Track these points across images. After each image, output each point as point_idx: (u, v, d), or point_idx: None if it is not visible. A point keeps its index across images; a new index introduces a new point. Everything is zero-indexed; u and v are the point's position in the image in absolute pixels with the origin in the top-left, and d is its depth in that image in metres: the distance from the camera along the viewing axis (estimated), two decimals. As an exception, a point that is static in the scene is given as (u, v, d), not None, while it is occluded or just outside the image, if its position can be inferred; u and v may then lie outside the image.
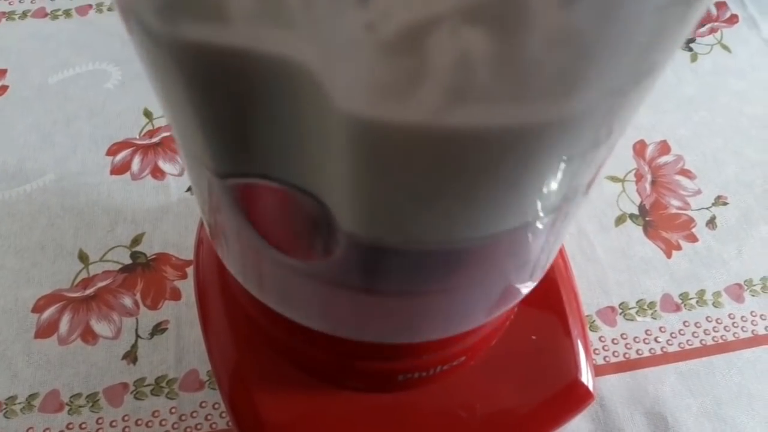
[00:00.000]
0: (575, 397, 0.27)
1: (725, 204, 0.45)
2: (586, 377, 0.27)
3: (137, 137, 0.45)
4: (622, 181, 0.45)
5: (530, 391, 0.26)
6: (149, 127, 0.45)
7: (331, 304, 0.19)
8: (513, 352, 0.26)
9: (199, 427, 0.34)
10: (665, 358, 0.38)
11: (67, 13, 0.51)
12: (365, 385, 0.24)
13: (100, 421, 0.34)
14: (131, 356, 0.36)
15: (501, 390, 0.26)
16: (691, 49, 0.53)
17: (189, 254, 0.40)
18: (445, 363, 0.23)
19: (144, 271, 0.39)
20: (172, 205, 0.42)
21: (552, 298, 0.27)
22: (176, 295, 0.38)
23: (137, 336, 0.37)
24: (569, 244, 0.42)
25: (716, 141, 0.47)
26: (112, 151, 0.44)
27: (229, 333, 0.25)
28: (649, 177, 0.45)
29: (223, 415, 0.35)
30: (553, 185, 0.15)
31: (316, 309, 0.20)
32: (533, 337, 0.26)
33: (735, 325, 0.40)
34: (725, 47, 0.53)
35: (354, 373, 0.24)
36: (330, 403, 0.24)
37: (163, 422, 0.35)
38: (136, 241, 0.40)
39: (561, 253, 0.29)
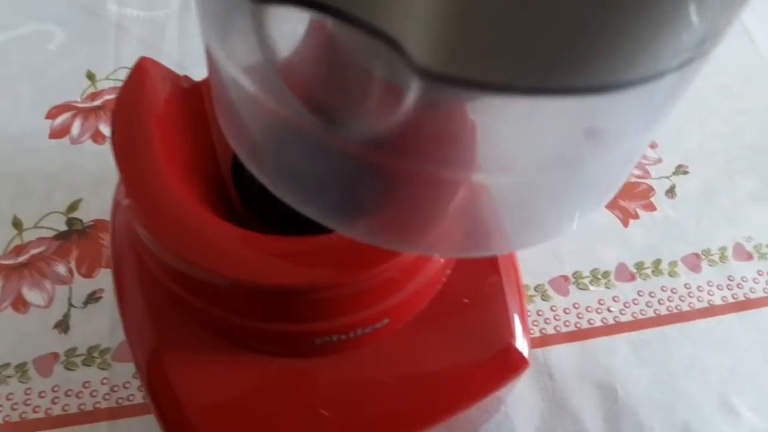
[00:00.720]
0: (509, 364, 0.26)
1: (686, 173, 0.44)
2: (521, 343, 0.25)
3: (78, 100, 0.43)
4: (582, 149, 0.44)
5: (461, 356, 0.25)
6: (91, 90, 0.43)
7: (355, 183, 0.16)
8: (444, 315, 0.25)
9: (131, 398, 0.33)
10: (617, 327, 0.37)
11: (10, -28, 0.49)
12: (284, 350, 0.23)
13: (28, 391, 0.33)
14: (63, 325, 0.35)
15: (430, 355, 0.25)
16: (657, 16, 0.51)
17: (128, 221, 0.38)
18: (365, 325, 0.22)
19: (80, 239, 0.38)
20: (112, 170, 0.40)
21: (487, 261, 0.26)
22: (113, 262, 0.37)
23: (70, 305, 0.35)
24: (524, 212, 0.41)
25: (680, 110, 0.46)
26: (52, 114, 0.42)
27: (143, 303, 0.24)
28: (609, 145, 0.44)
29: (158, 385, 0.34)
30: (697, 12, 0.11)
31: (335, 189, 0.17)
32: (465, 301, 0.25)
33: (691, 295, 0.39)
34: (693, 14, 0.52)
35: (271, 337, 0.22)
36: (249, 370, 0.23)
37: (94, 393, 0.33)
38: (73, 207, 0.39)
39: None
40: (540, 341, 0.37)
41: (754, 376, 0.36)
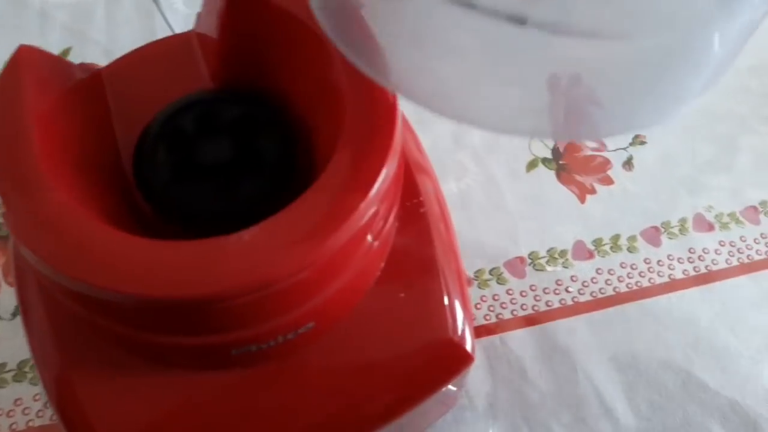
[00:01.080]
0: (452, 360, 0.24)
1: (643, 144, 0.42)
2: (463, 338, 0.24)
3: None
4: (535, 123, 0.42)
5: (400, 356, 0.23)
6: None
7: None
8: (378, 313, 0.23)
9: (62, 413, 0.31)
10: (576, 308, 0.36)
11: None
12: (200, 363, 0.21)
13: (-49, 412, 0.31)
14: (-12, 339, 0.33)
15: (365, 357, 0.23)
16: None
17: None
18: (286, 332, 0.20)
19: (6, 244, 0.35)
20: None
21: (423, 251, 0.24)
22: (40, 269, 0.34)
23: (-6, 317, 0.33)
24: (475, 193, 0.39)
25: (635, 77, 0.45)
26: None
27: (46, 321, 0.22)
28: (563, 118, 0.42)
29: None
30: None
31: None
32: (401, 295, 0.23)
33: (651, 270, 0.37)
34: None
35: (182, 351, 0.20)
36: (164, 387, 0.21)
37: (26, 410, 0.31)
38: (-5, 211, 0.36)
39: (438, 200, 0.26)
40: (497, 327, 0.35)
41: (718, 351, 0.35)
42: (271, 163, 0.22)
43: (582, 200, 0.39)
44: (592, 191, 0.40)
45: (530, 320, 0.35)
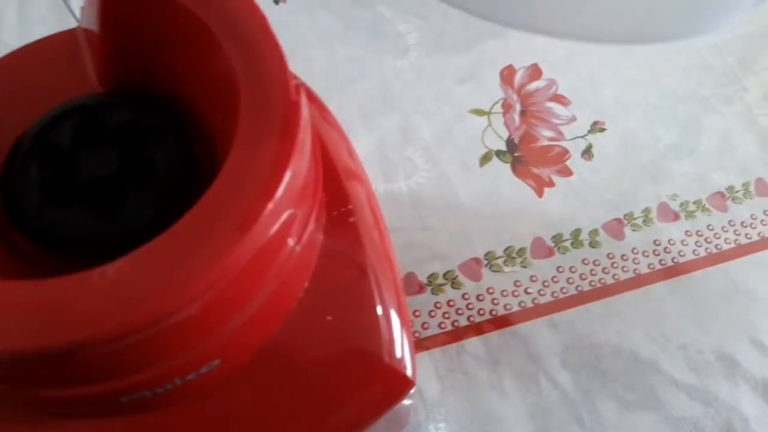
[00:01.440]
0: (390, 387, 0.21)
1: (603, 130, 0.40)
2: (402, 361, 0.21)
3: None
4: (488, 113, 0.39)
5: (331, 387, 0.21)
6: None
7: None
8: (302, 341, 0.20)
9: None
10: (537, 310, 0.34)
11: None
12: (91, 411, 0.18)
13: None
14: None
15: (290, 392, 0.20)
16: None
17: None
18: (184, 374, 0.17)
19: None
20: None
21: (353, 267, 0.22)
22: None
23: None
24: (426, 191, 0.36)
25: (592, 60, 0.42)
26: None
27: None
28: (518, 107, 0.40)
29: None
30: None
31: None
32: (329, 319, 0.21)
33: (615, 265, 0.35)
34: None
35: (66, 401, 0.18)
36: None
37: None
38: None
39: (371, 208, 0.24)
40: (453, 335, 0.33)
41: (687, 347, 0.33)
42: (163, 176, 0.19)
43: (540, 194, 0.37)
44: (550, 184, 0.37)
45: (488, 326, 0.33)
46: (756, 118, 0.41)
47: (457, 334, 0.33)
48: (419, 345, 0.32)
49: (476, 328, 0.33)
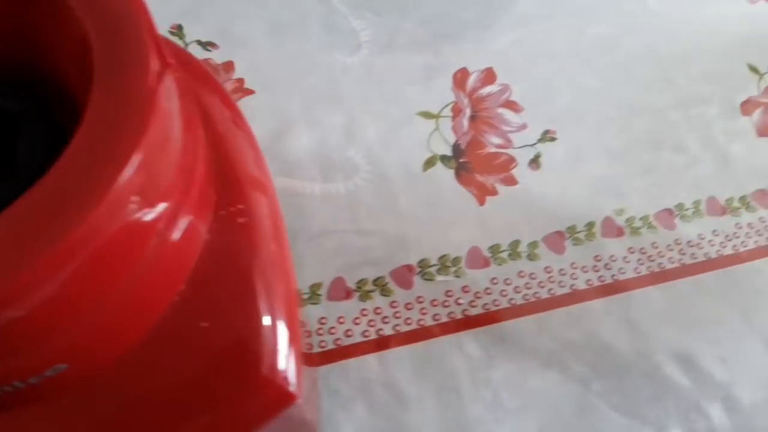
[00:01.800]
0: (268, 400, 0.20)
1: (553, 140, 0.38)
2: (284, 374, 0.20)
3: None
4: (437, 117, 0.38)
5: (199, 398, 0.19)
6: None
7: None
8: (172, 347, 0.19)
9: None
10: (466, 323, 0.32)
11: None
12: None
13: None
14: None
15: (154, 399, 0.19)
16: (531, -38, 0.46)
17: None
18: (23, 377, 0.16)
19: None
20: None
21: (241, 270, 0.21)
22: None
23: None
24: (365, 194, 0.35)
25: (550, 67, 0.41)
26: None
27: None
28: (468, 111, 0.39)
29: None
30: None
31: None
32: (204, 325, 0.20)
33: (551, 280, 0.34)
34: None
35: None
36: None
37: None
38: None
39: (272, 218, 0.22)
40: (375, 344, 0.32)
41: (620, 371, 0.32)
42: (29, 164, 0.17)
43: (481, 202, 0.36)
44: (493, 192, 0.36)
45: (412, 336, 0.32)
46: (714, 135, 0.40)
47: (379, 344, 0.32)
48: (340, 353, 0.31)
49: (401, 339, 0.32)
